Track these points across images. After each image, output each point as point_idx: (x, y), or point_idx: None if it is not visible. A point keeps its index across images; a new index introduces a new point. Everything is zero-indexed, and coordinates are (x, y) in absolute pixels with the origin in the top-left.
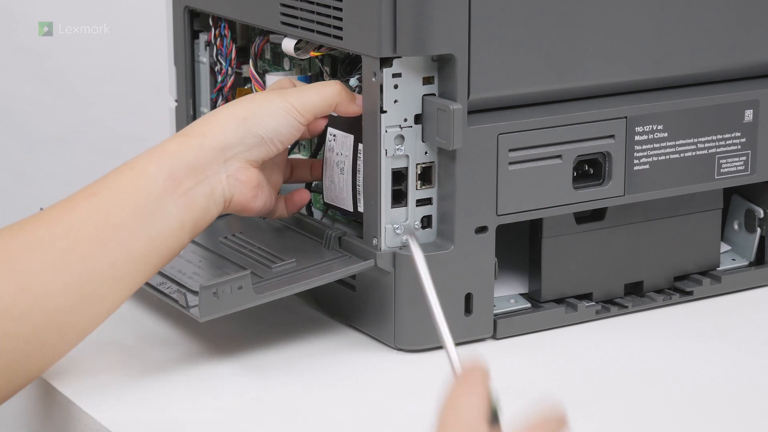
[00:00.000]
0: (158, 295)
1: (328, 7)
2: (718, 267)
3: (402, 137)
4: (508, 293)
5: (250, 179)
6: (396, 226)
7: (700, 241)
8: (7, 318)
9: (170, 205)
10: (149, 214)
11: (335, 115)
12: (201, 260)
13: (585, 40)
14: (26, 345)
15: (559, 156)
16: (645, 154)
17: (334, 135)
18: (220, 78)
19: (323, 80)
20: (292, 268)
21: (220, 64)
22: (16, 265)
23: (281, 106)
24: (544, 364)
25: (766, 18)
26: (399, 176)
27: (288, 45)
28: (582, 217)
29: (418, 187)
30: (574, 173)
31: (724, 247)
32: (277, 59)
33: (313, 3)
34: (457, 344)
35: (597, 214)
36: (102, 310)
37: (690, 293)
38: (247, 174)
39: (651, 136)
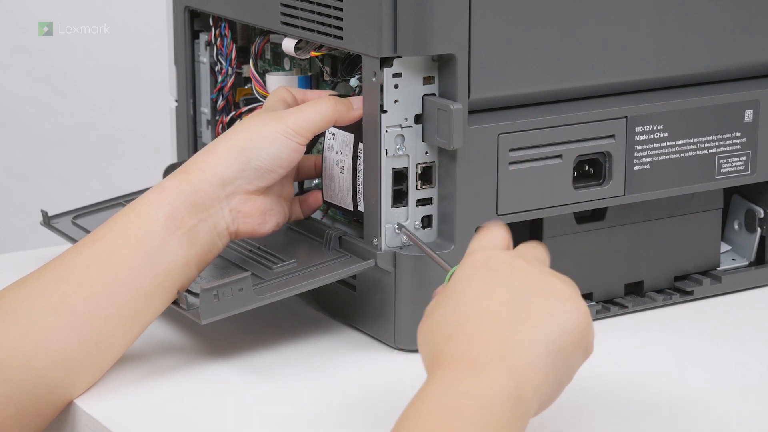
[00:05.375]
0: None
1: (329, 7)
2: (718, 267)
3: (402, 137)
4: None
5: (254, 209)
6: (397, 226)
7: (701, 241)
8: (9, 366)
9: (173, 243)
10: (152, 253)
11: None
12: None
13: (585, 40)
14: (34, 389)
15: (559, 156)
16: (645, 154)
17: (334, 134)
18: (220, 78)
19: (323, 80)
20: (292, 268)
21: (221, 64)
22: (17, 313)
23: (278, 130)
24: None
25: (766, 18)
26: (399, 176)
27: (288, 45)
28: (582, 217)
29: (419, 187)
30: (574, 173)
31: (724, 247)
32: (277, 59)
33: (313, 3)
34: None
35: (597, 214)
36: (113, 347)
37: (690, 293)
38: (250, 204)
39: (651, 136)
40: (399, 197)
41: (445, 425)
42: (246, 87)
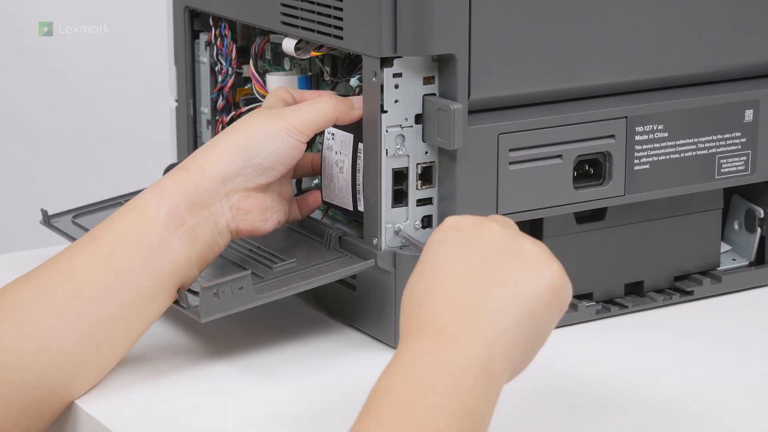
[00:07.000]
0: None
1: (329, 7)
2: (718, 267)
3: (402, 137)
4: None
5: (255, 206)
6: (397, 226)
7: (701, 241)
8: (11, 368)
9: (174, 242)
10: (153, 253)
11: None
12: None
13: (585, 40)
14: (35, 391)
15: (559, 156)
16: (645, 154)
17: (333, 134)
18: (220, 78)
19: (323, 80)
20: (292, 268)
21: (221, 64)
22: (19, 315)
23: (280, 127)
24: (543, 363)
25: (766, 18)
26: (399, 176)
27: (288, 45)
28: (582, 217)
29: (419, 187)
30: (574, 173)
31: (724, 247)
32: (277, 59)
33: (313, 3)
34: None
35: (597, 214)
36: (114, 348)
37: (690, 293)
38: (251, 201)
39: (651, 136)
40: (399, 197)
41: (417, 399)
42: (246, 87)
